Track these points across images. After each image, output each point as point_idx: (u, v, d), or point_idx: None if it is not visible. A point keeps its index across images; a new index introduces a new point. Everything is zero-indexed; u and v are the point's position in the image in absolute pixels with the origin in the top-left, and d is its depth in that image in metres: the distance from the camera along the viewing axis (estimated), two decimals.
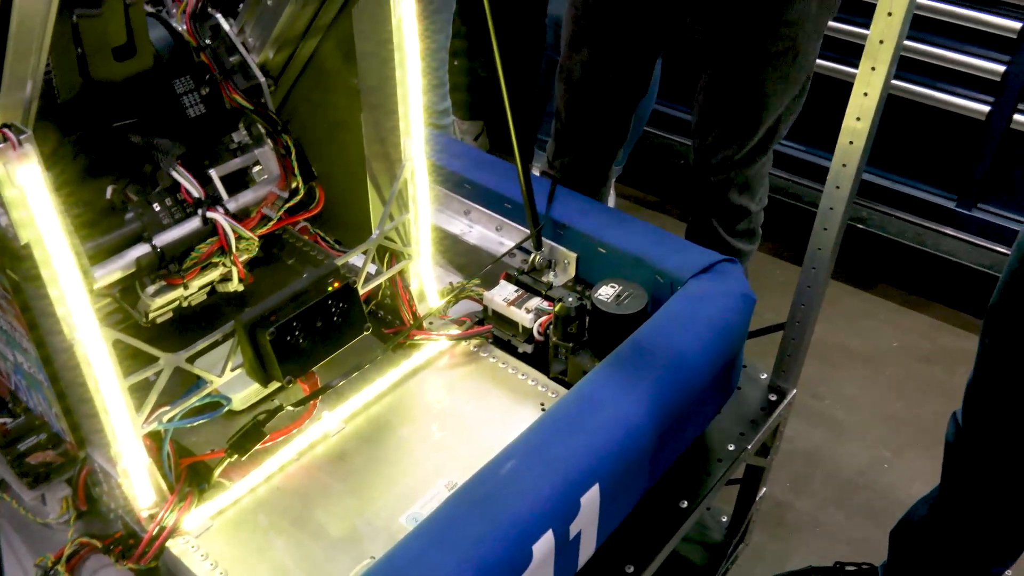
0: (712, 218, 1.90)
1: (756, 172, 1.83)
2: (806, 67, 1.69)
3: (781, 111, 1.73)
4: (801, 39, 1.64)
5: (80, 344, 0.86)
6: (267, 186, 1.17)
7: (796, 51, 1.65)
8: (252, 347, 1.03)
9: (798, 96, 1.74)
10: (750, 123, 1.74)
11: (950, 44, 2.26)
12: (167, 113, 1.11)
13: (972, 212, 2.38)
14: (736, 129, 1.76)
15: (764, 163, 1.84)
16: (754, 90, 1.70)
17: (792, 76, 1.68)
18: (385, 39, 1.05)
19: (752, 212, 1.90)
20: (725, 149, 1.79)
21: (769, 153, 1.83)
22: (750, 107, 1.72)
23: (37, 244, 0.79)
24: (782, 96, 1.71)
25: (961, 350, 2.41)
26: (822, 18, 1.64)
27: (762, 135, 1.76)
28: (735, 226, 1.91)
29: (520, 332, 1.29)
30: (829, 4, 1.63)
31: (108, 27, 1.00)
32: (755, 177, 1.84)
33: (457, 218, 1.49)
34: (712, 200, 1.88)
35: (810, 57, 1.69)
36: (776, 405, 1.41)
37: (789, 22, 1.61)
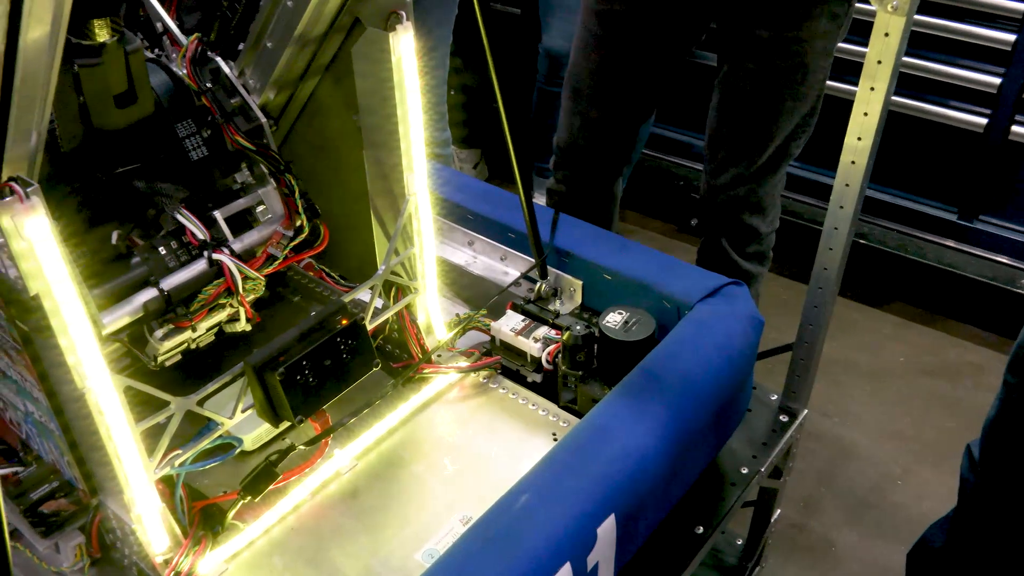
0: (723, 239, 1.89)
1: (767, 192, 1.83)
2: (816, 85, 1.70)
3: (790, 129, 1.73)
4: (810, 56, 1.64)
5: (92, 392, 0.86)
6: (271, 225, 1.18)
7: (806, 68, 1.66)
8: (262, 388, 1.03)
9: (808, 115, 1.74)
10: (759, 140, 1.74)
11: (946, 59, 2.27)
12: (170, 157, 1.12)
13: (974, 224, 2.38)
14: (745, 147, 1.76)
15: (775, 183, 1.83)
16: (763, 107, 1.70)
17: (801, 93, 1.69)
18: (384, 77, 1.06)
19: (763, 233, 1.89)
20: (735, 167, 1.79)
21: (780, 173, 1.83)
22: (759, 124, 1.73)
23: (46, 295, 0.79)
24: (791, 114, 1.71)
25: (967, 363, 2.40)
26: (831, 36, 1.65)
27: (772, 153, 1.76)
28: (746, 248, 1.90)
29: (529, 362, 1.29)
30: (839, 23, 1.64)
31: (109, 75, 1.01)
32: (766, 197, 1.83)
33: (461, 249, 1.49)
34: (722, 220, 1.87)
35: (819, 75, 1.69)
36: (787, 426, 1.40)
37: (799, 39, 1.62)
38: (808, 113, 1.73)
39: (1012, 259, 2.33)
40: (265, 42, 1.08)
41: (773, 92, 1.68)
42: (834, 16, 1.61)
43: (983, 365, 2.40)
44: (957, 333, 2.48)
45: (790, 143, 1.75)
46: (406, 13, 1.02)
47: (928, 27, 2.24)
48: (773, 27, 1.61)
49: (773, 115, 1.70)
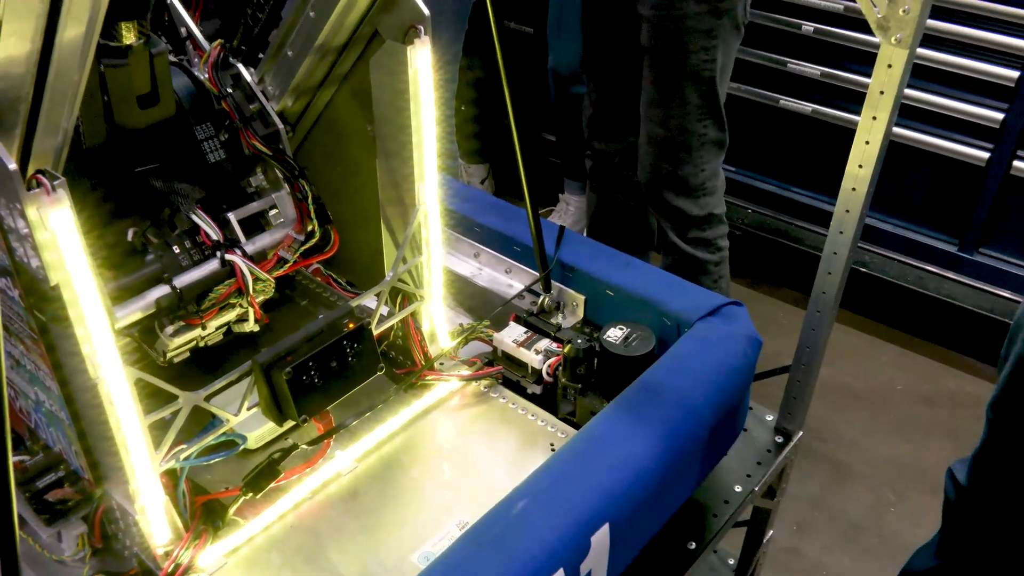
0: (663, 222, 2.04)
1: (687, 172, 1.95)
2: (703, 66, 1.84)
3: (691, 109, 1.88)
4: (687, 35, 1.81)
5: (103, 383, 0.88)
6: (283, 229, 1.20)
7: (685, 47, 1.82)
8: (268, 387, 1.05)
9: (707, 95, 1.87)
10: (662, 118, 1.91)
11: (950, 92, 2.31)
12: (188, 158, 1.15)
13: (973, 256, 2.40)
14: (655, 126, 1.93)
15: (694, 163, 1.95)
16: (657, 85, 1.89)
17: (687, 71, 1.84)
18: (400, 89, 1.08)
19: (694, 216, 2.00)
20: (651, 147, 1.96)
21: (697, 155, 1.94)
22: (658, 102, 1.91)
23: (66, 285, 0.82)
24: (682, 92, 1.86)
25: (964, 393, 2.42)
26: (703, 19, 1.80)
27: (676, 130, 1.91)
28: (685, 233, 2.02)
29: (529, 373, 1.31)
30: (719, 19, 1.81)
31: (133, 76, 1.04)
32: (689, 178, 1.96)
33: (467, 260, 1.51)
34: (652, 202, 2.04)
35: (702, 56, 1.83)
36: (783, 447, 1.42)
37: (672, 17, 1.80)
38: (705, 94, 1.87)
39: (1011, 292, 2.36)
40: (286, 50, 1.10)
41: (661, 70, 1.88)
42: (713, 11, 1.79)
43: (982, 396, 2.41)
44: (956, 363, 2.50)
45: (696, 123, 1.90)
46: (424, 27, 1.05)
47: (934, 61, 2.27)
48: (649, 7, 1.82)
49: (665, 92, 1.88)
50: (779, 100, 2.52)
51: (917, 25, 1.06)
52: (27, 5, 0.68)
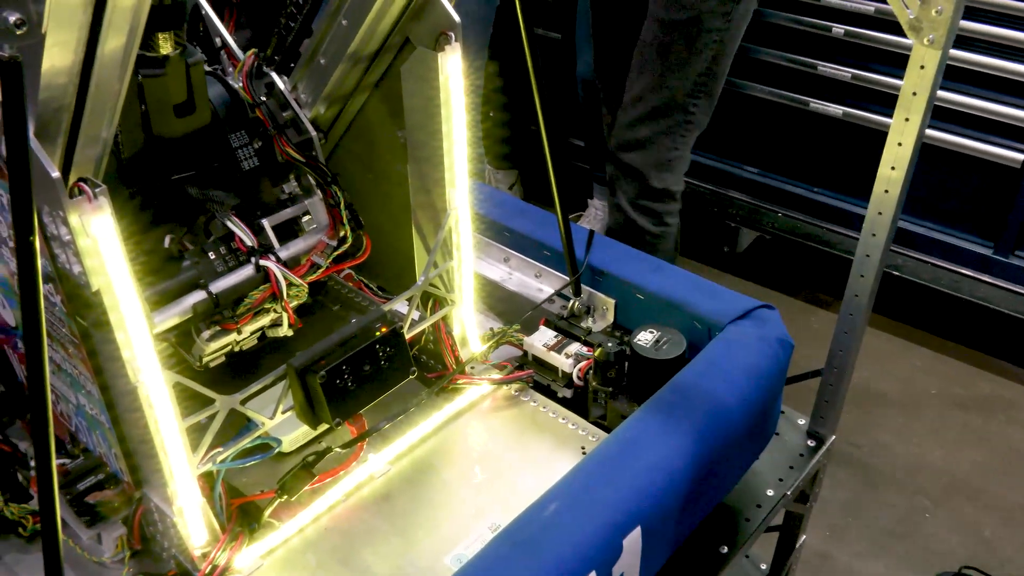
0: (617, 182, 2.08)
1: (660, 140, 2.00)
2: (711, 45, 1.91)
3: (686, 83, 1.93)
4: (704, 15, 1.87)
5: (143, 386, 0.90)
6: (316, 235, 1.22)
7: (700, 23, 1.88)
8: (303, 390, 1.06)
9: (705, 75, 1.94)
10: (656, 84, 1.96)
11: (985, 94, 2.28)
12: (223, 166, 1.16)
13: (1009, 259, 2.37)
14: (644, 89, 1.98)
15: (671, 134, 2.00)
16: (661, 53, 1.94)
17: (696, 47, 1.91)
18: (431, 95, 1.10)
19: (653, 187, 2.03)
20: (633, 108, 2.01)
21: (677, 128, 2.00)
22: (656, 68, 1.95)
23: (107, 290, 0.84)
24: (685, 65, 1.92)
25: (999, 398, 2.39)
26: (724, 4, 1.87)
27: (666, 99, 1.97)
28: (637, 199, 2.07)
29: (560, 377, 1.32)
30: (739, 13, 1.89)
31: (170, 86, 1.06)
32: (659, 145, 2.00)
33: (497, 265, 1.52)
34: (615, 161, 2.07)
35: (714, 36, 1.90)
36: (815, 451, 1.41)
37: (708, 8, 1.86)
38: (704, 72, 1.93)
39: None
40: (319, 59, 1.12)
41: (670, 40, 1.92)
42: None
43: (1016, 401, 2.39)
44: (990, 367, 2.47)
45: (687, 98, 1.96)
46: (455, 34, 1.06)
47: (967, 62, 2.25)
48: None
49: (670, 63, 1.93)
50: (809, 103, 2.50)
51: (950, 26, 1.05)
52: (70, 16, 0.70)
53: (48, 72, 0.74)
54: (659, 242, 2.12)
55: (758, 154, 2.68)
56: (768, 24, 2.45)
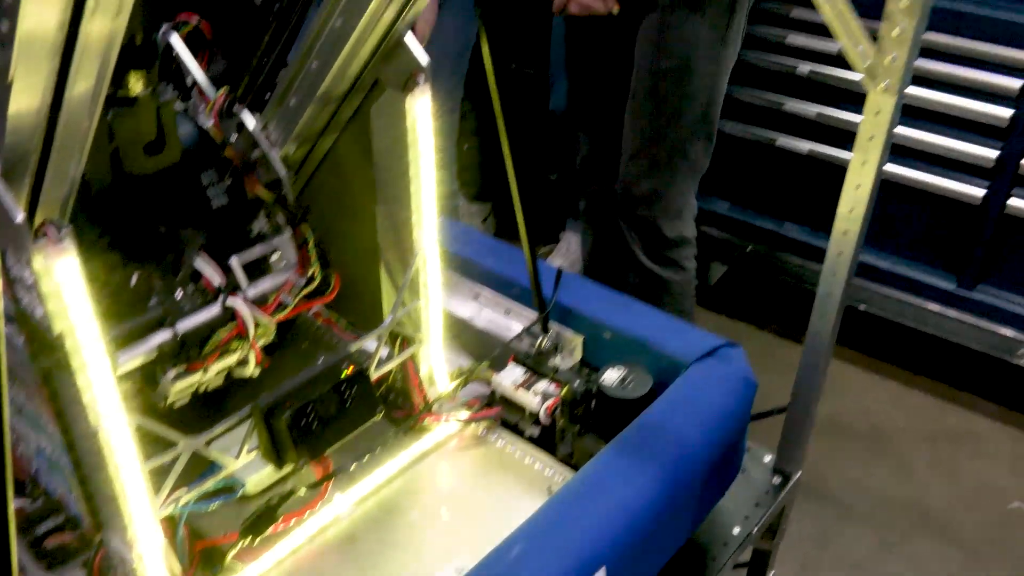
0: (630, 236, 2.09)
1: (670, 192, 2.01)
2: (704, 90, 1.91)
3: (685, 129, 1.94)
4: (694, 60, 1.87)
5: (104, 430, 0.89)
6: (285, 273, 1.22)
7: (690, 70, 1.88)
8: (268, 431, 1.06)
9: (702, 121, 1.95)
10: (656, 136, 1.97)
11: (946, 131, 2.33)
12: (192, 204, 1.17)
13: (972, 294, 2.41)
14: (645, 143, 1.98)
15: (678, 184, 2.01)
16: (656, 104, 1.93)
17: (689, 92, 1.90)
18: (400, 136, 1.11)
19: (669, 238, 2.04)
20: (637, 163, 2.01)
21: (682, 175, 2.01)
22: (654, 120, 1.95)
23: (69, 335, 0.83)
24: (681, 112, 1.92)
25: (967, 431, 2.42)
26: (714, 44, 1.88)
27: (668, 149, 1.97)
28: (655, 252, 2.07)
29: (527, 416, 1.32)
30: (721, 34, 1.88)
31: (140, 125, 1.07)
32: (669, 197, 2.01)
33: (467, 302, 1.53)
34: (629, 217, 2.07)
35: (705, 80, 1.90)
36: (781, 488, 1.42)
37: (683, 40, 1.86)
38: (700, 118, 1.94)
39: (1010, 329, 2.36)
40: (289, 99, 1.13)
41: (663, 90, 1.92)
42: (714, 27, 1.85)
43: (983, 434, 2.42)
44: (957, 401, 2.50)
45: (686, 143, 1.96)
46: (423, 76, 1.08)
47: (928, 103, 2.30)
48: (663, 33, 1.87)
49: (665, 111, 1.93)
50: (777, 139, 2.55)
51: (904, 73, 1.09)
52: (38, 63, 0.70)
53: (15, 116, 0.74)
54: (683, 288, 2.12)
55: (727, 189, 2.71)
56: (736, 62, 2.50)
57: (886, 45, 1.08)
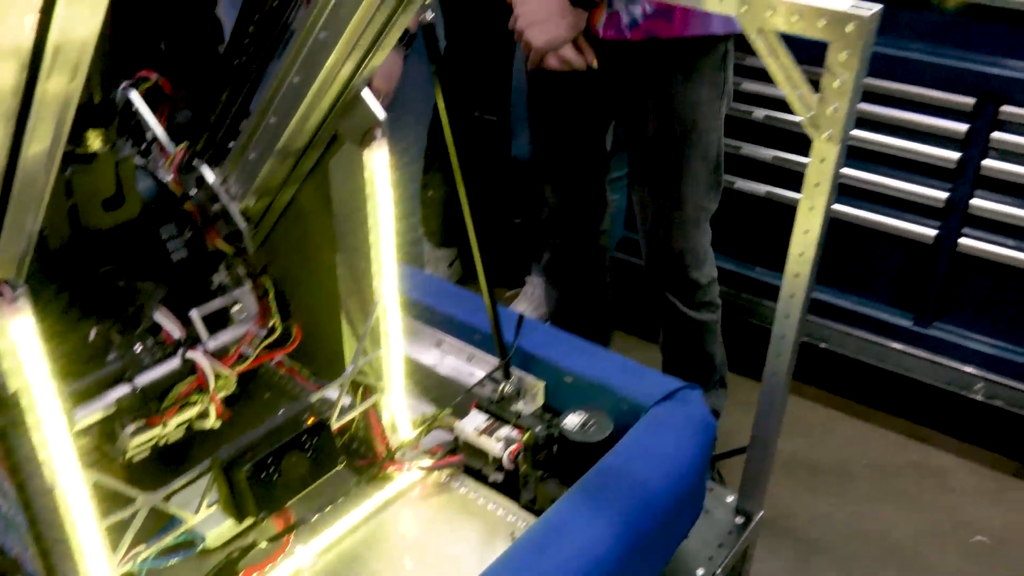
0: (668, 294, 2.11)
1: (698, 244, 2.06)
2: (713, 143, 1.97)
3: (703, 184, 1.98)
4: (700, 120, 1.92)
5: (60, 487, 0.89)
6: (246, 325, 1.23)
7: (699, 129, 1.93)
8: (228, 484, 1.06)
9: (715, 171, 2.00)
10: (679, 198, 2.00)
11: (898, 173, 2.40)
12: (152, 257, 1.17)
13: (929, 331, 2.46)
14: (669, 206, 2.02)
15: (702, 235, 2.06)
16: (675, 168, 1.97)
17: (700, 152, 1.95)
18: (359, 188, 1.13)
19: (702, 284, 2.09)
20: (664, 226, 2.04)
21: (704, 225, 2.06)
22: (676, 184, 1.99)
23: (24, 393, 0.83)
24: (699, 171, 1.97)
25: (930, 465, 2.45)
26: (715, 102, 1.93)
27: (692, 207, 2.01)
28: (693, 299, 2.11)
29: (490, 461, 1.33)
30: (720, 91, 1.93)
31: (99, 181, 1.07)
32: (698, 248, 2.07)
33: (430, 349, 1.54)
34: (664, 276, 2.11)
35: (713, 135, 1.96)
36: (744, 528, 1.43)
37: (689, 104, 1.90)
38: (713, 171, 2.00)
39: (967, 365, 2.41)
40: (248, 153, 1.14)
41: (677, 155, 1.96)
42: (712, 84, 1.91)
43: (945, 469, 2.45)
44: (919, 436, 2.53)
45: (704, 198, 2.01)
46: (380, 130, 1.10)
47: (881, 145, 2.37)
48: (665, 100, 1.92)
49: (684, 176, 1.97)
50: (736, 182, 2.60)
51: (846, 122, 1.13)
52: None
53: None
54: (719, 323, 2.18)
55: None
56: None
57: (828, 96, 1.12)
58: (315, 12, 0.96)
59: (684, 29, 1.85)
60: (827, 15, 1.08)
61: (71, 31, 0.62)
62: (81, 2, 0.60)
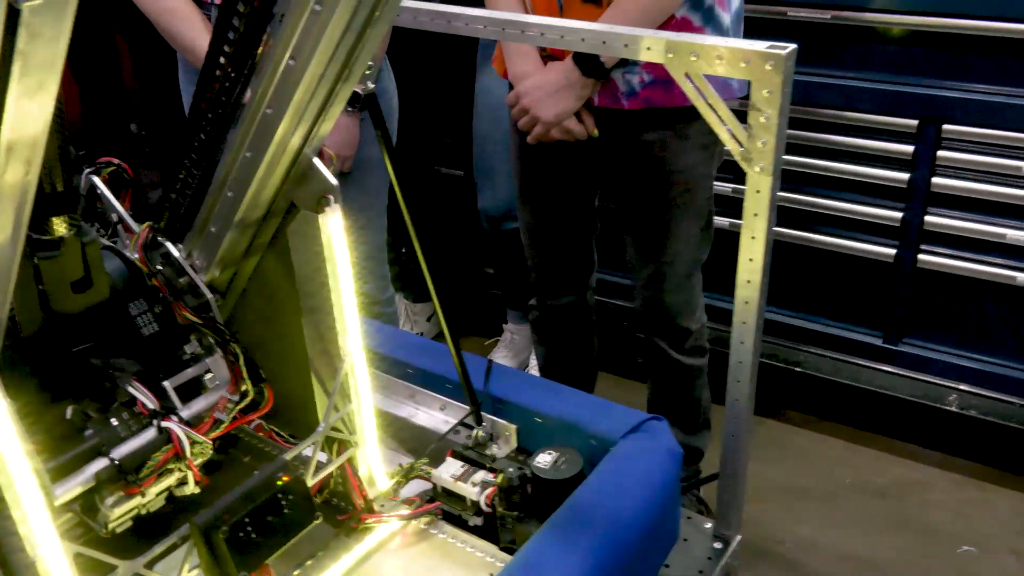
0: (659, 341, 2.14)
1: (691, 296, 2.10)
2: (704, 203, 2.02)
3: (695, 241, 2.03)
4: (692, 182, 1.97)
5: (42, 560, 0.92)
6: (219, 392, 1.26)
7: (692, 192, 1.98)
8: (207, 547, 1.09)
9: (706, 228, 2.05)
10: (674, 257, 2.04)
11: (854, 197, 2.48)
12: (123, 334, 1.21)
13: (898, 347, 2.52)
14: (663, 264, 2.05)
15: (694, 287, 2.10)
16: (669, 230, 2.01)
17: (693, 211, 2.00)
18: (317, 252, 1.18)
19: (693, 330, 2.13)
20: (659, 282, 2.07)
21: (696, 277, 2.10)
22: (670, 243, 2.03)
23: (2, 471, 0.87)
24: (691, 230, 2.02)
25: (913, 481, 2.49)
26: (707, 163, 1.98)
27: (686, 264, 2.05)
28: (683, 345, 2.14)
29: (469, 506, 1.36)
30: (711, 152, 1.97)
31: (66, 265, 1.12)
32: (692, 300, 2.11)
33: (404, 402, 1.58)
34: (658, 327, 2.13)
35: (704, 194, 2.00)
36: (722, 553, 1.46)
37: (680, 170, 1.95)
38: (705, 226, 2.04)
39: (938, 378, 2.47)
40: (209, 227, 1.20)
41: (671, 216, 2.00)
42: (704, 147, 1.94)
43: (928, 483, 2.48)
44: (900, 452, 2.58)
45: (697, 252, 2.06)
46: (334, 196, 1.16)
47: (835, 171, 2.45)
48: (657, 165, 1.95)
49: (676, 234, 2.02)
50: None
51: (775, 155, 1.19)
52: None
53: None
54: (705, 369, 2.20)
55: None
56: None
57: (756, 131, 1.19)
58: (261, 89, 1.02)
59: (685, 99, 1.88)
60: (747, 56, 1.15)
61: (21, 129, 0.68)
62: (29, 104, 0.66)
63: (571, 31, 1.30)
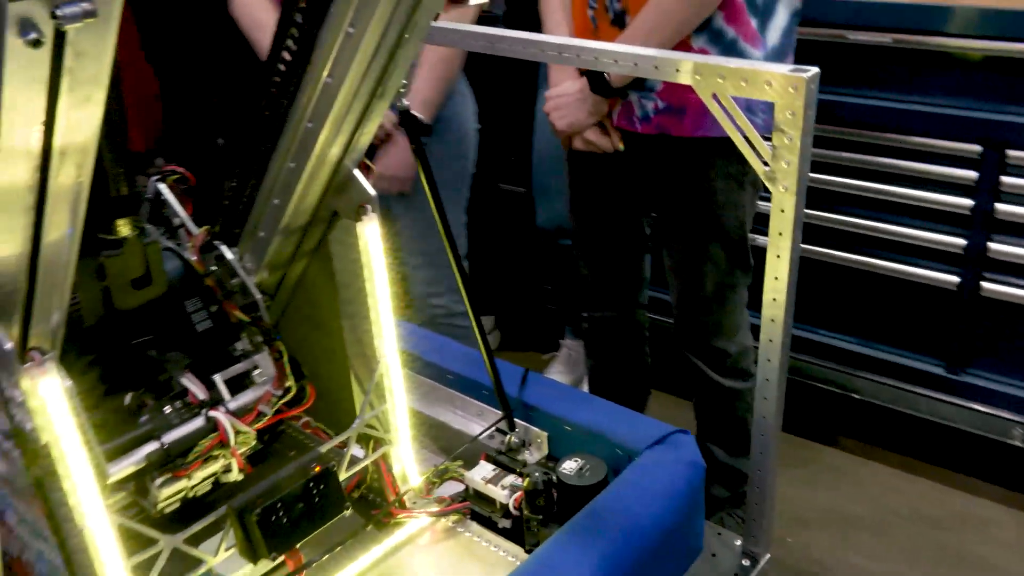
0: (695, 359, 2.15)
1: (726, 317, 2.10)
2: (734, 226, 2.00)
3: (727, 262, 2.04)
4: (717, 206, 1.97)
5: (88, 529, 1.01)
6: (264, 386, 1.35)
7: (717, 216, 1.98)
8: (241, 528, 1.17)
9: (739, 246, 2.04)
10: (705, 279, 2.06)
11: (917, 223, 2.44)
12: (179, 329, 1.31)
13: (960, 377, 2.46)
14: (696, 285, 2.07)
15: (731, 309, 2.10)
16: (699, 251, 2.03)
17: (722, 233, 2.00)
18: (355, 259, 1.26)
19: (732, 353, 2.12)
20: (693, 303, 2.10)
21: (733, 300, 2.09)
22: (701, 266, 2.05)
23: (55, 444, 0.96)
24: (721, 252, 2.02)
25: (972, 515, 2.42)
26: (733, 189, 1.97)
27: (718, 284, 2.05)
28: (724, 366, 2.13)
29: (498, 508, 1.41)
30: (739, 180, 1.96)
31: (128, 264, 1.22)
32: (725, 321, 2.10)
33: (443, 406, 1.64)
34: (694, 347, 2.15)
35: (732, 221, 1.99)
36: (750, 571, 1.47)
37: (704, 192, 1.96)
38: (737, 249, 2.03)
39: (1003, 411, 2.40)
40: (259, 232, 1.29)
41: (702, 237, 2.01)
42: (729, 176, 1.93)
43: (989, 518, 2.41)
44: (960, 484, 2.51)
45: (727, 276, 2.05)
46: (371, 206, 1.23)
47: (898, 196, 2.42)
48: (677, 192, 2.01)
49: (703, 256, 2.03)
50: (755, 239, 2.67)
51: (799, 175, 1.21)
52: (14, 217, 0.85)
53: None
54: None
55: None
56: None
57: (780, 152, 1.22)
58: (302, 105, 1.11)
59: (695, 130, 1.89)
60: (772, 78, 1.19)
61: (72, 137, 0.77)
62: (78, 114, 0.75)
63: (605, 53, 1.35)
